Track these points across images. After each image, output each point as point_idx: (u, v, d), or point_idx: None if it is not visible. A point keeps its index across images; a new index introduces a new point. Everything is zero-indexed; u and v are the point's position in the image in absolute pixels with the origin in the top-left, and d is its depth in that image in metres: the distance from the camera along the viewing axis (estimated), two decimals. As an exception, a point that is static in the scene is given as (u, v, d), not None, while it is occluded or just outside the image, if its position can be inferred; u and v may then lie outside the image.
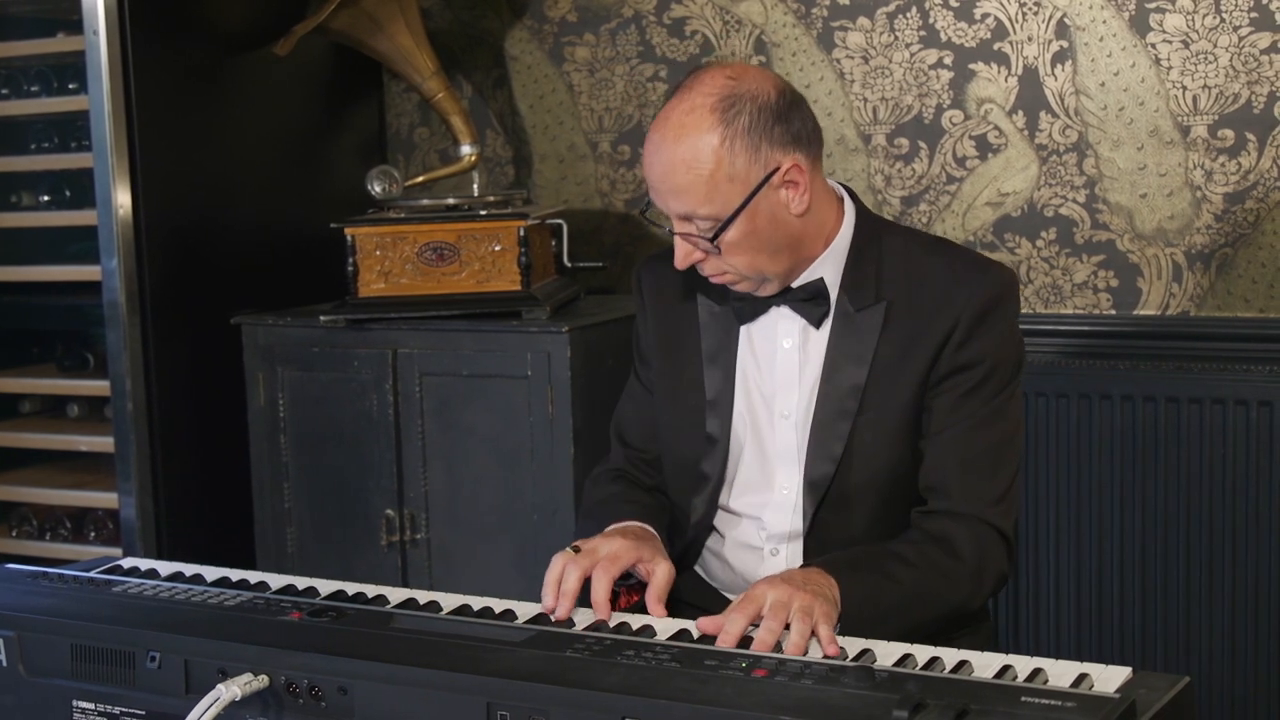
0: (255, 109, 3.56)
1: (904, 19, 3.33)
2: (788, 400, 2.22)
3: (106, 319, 3.28)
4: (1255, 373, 3.05)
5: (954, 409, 2.14)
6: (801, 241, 2.16)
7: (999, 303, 2.16)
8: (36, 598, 2.01)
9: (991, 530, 2.14)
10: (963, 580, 2.11)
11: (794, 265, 2.18)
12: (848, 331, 2.18)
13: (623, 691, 1.60)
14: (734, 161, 2.06)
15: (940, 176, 3.33)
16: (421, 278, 3.23)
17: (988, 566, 2.13)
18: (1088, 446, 3.17)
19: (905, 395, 2.16)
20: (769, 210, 2.10)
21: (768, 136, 2.08)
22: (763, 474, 2.25)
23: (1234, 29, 3.06)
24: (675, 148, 2.07)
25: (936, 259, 2.21)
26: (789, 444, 2.22)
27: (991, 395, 2.16)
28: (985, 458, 2.15)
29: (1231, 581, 3.08)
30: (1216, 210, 3.12)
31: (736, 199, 2.07)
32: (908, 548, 2.11)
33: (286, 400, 3.36)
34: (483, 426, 3.18)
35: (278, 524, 3.40)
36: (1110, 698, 1.53)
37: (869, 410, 2.16)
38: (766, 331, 2.25)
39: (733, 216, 2.08)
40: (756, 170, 2.08)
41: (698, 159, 2.06)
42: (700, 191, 2.07)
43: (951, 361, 2.14)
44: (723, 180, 2.06)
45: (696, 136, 2.06)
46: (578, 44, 3.68)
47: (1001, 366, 2.16)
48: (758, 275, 2.16)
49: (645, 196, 1.93)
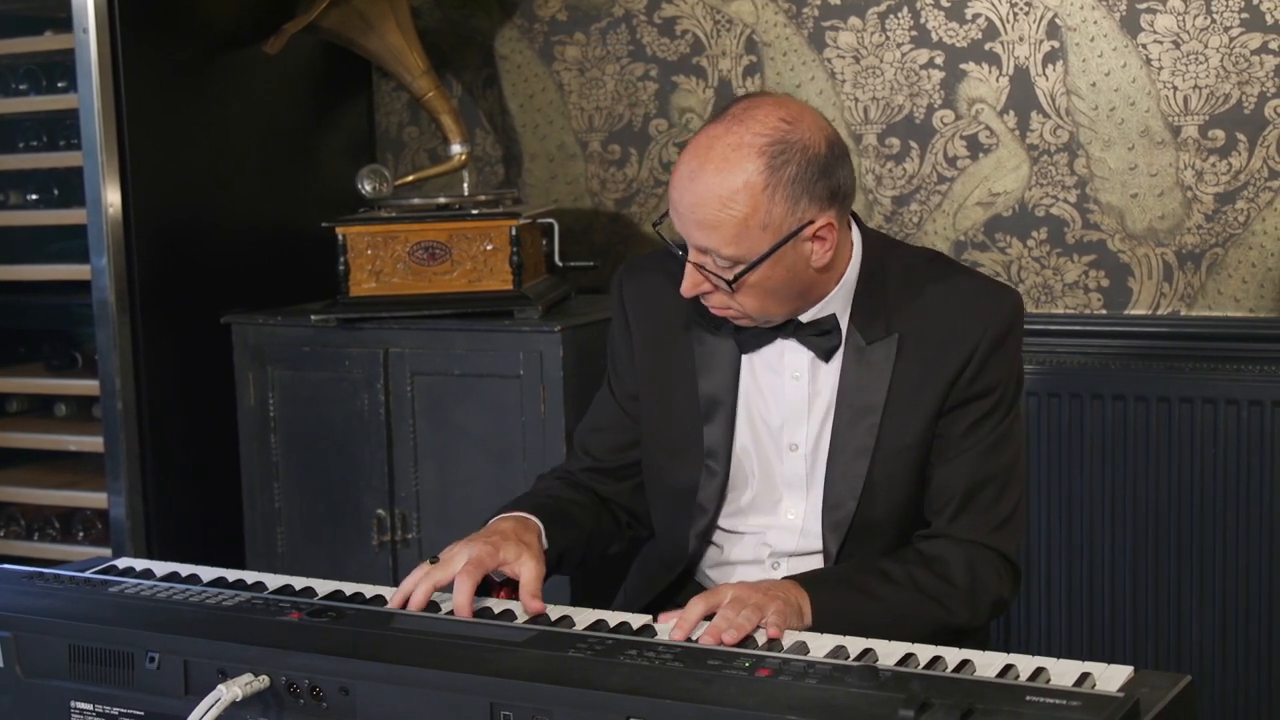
0: (245, 108, 3.55)
1: (895, 19, 3.33)
2: (796, 432, 2.19)
3: (96, 318, 3.26)
4: (1246, 372, 3.06)
5: (964, 436, 2.14)
6: (814, 288, 2.13)
7: (1010, 330, 2.16)
8: (32, 598, 2.00)
9: (992, 554, 2.14)
10: (953, 603, 2.09)
11: (801, 307, 2.15)
12: (860, 365, 2.15)
13: (627, 691, 1.60)
14: (771, 211, 2.00)
15: (931, 176, 3.34)
16: (413, 277, 3.23)
17: (983, 591, 2.12)
18: (1079, 446, 3.17)
19: (921, 427, 2.14)
20: (791, 261, 2.05)
21: (809, 191, 2.01)
22: (769, 500, 2.23)
23: (1225, 29, 3.07)
24: (713, 180, 2.00)
25: (945, 286, 2.17)
26: (798, 473, 2.20)
27: (999, 420, 2.15)
28: (992, 483, 2.15)
29: (1223, 580, 3.09)
30: (1207, 210, 3.13)
31: (764, 246, 2.01)
32: (896, 566, 2.10)
33: (277, 400, 3.35)
34: (474, 426, 3.17)
35: (268, 524, 3.39)
36: (1114, 697, 1.54)
37: (886, 443, 2.14)
38: (772, 363, 2.20)
39: (756, 263, 2.02)
40: (791, 222, 2.01)
41: (735, 200, 1.99)
42: (729, 232, 2.00)
43: (966, 391, 2.13)
44: (755, 227, 2.00)
45: (739, 176, 1.99)
46: (568, 43, 3.68)
47: (1007, 392, 2.16)
48: (764, 317, 2.12)
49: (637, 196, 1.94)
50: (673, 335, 2.26)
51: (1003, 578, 2.15)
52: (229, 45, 3.52)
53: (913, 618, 2.06)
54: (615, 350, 2.36)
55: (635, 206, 3.63)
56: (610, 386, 2.37)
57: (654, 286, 2.28)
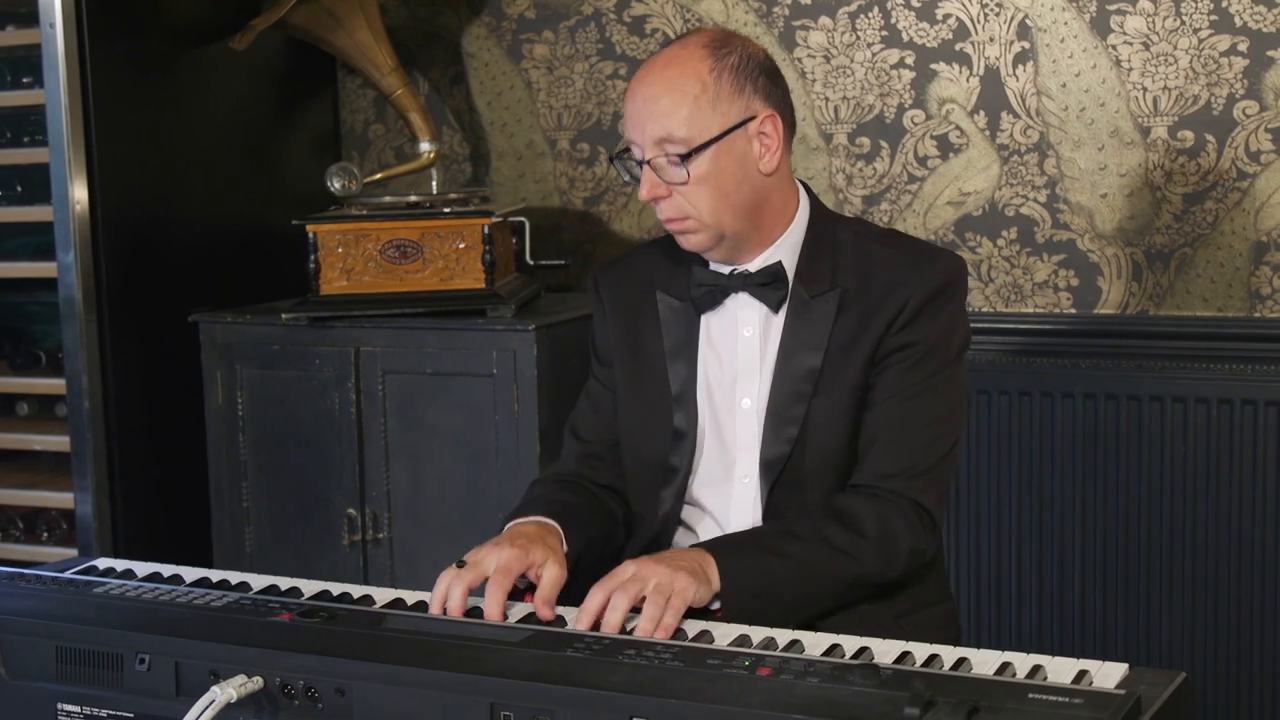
0: (210, 104, 3.52)
1: (866, 18, 3.34)
2: (749, 387, 2.25)
3: (62, 315, 3.23)
4: (1214, 371, 3.09)
5: (890, 384, 2.19)
6: (763, 208, 2.21)
7: (946, 288, 2.22)
8: (16, 599, 1.97)
9: (906, 503, 2.16)
10: (863, 554, 2.11)
11: (751, 234, 2.22)
12: (803, 317, 2.22)
13: (629, 691, 1.59)
14: (719, 92, 2.14)
15: (902, 176, 3.35)
16: (384, 275, 3.21)
17: (894, 542, 2.14)
18: (1049, 444, 3.20)
19: (855, 377, 2.20)
20: (740, 154, 2.17)
21: (752, 82, 2.18)
22: (723, 465, 2.27)
23: (1194, 31, 3.10)
24: (664, 72, 2.16)
25: (888, 248, 2.27)
26: (749, 433, 2.25)
27: (929, 374, 2.20)
28: (914, 432, 2.19)
29: (1191, 577, 3.12)
30: (1176, 210, 3.16)
31: (715, 128, 2.14)
32: (804, 524, 2.14)
33: (245, 398, 3.32)
34: (446, 425, 3.16)
35: (235, 523, 3.37)
36: (1116, 694, 1.55)
37: (822, 393, 2.20)
38: (726, 321, 2.28)
39: (708, 142, 2.13)
40: (737, 108, 2.16)
41: (684, 80, 2.14)
42: (682, 112, 2.13)
43: (895, 340, 2.19)
44: (705, 105, 2.14)
45: (686, 63, 2.16)
46: (536, 41, 3.67)
47: (942, 348, 2.21)
48: (716, 227, 2.19)
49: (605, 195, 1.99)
50: (641, 314, 2.35)
51: (916, 527, 2.17)
52: (194, 41, 3.49)
53: (822, 573, 2.09)
54: (596, 341, 2.44)
55: (604, 205, 3.63)
56: (595, 376, 2.43)
57: (625, 275, 2.40)
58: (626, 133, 2.21)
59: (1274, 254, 3.09)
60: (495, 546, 2.06)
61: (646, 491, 2.32)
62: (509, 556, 2.02)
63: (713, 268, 2.29)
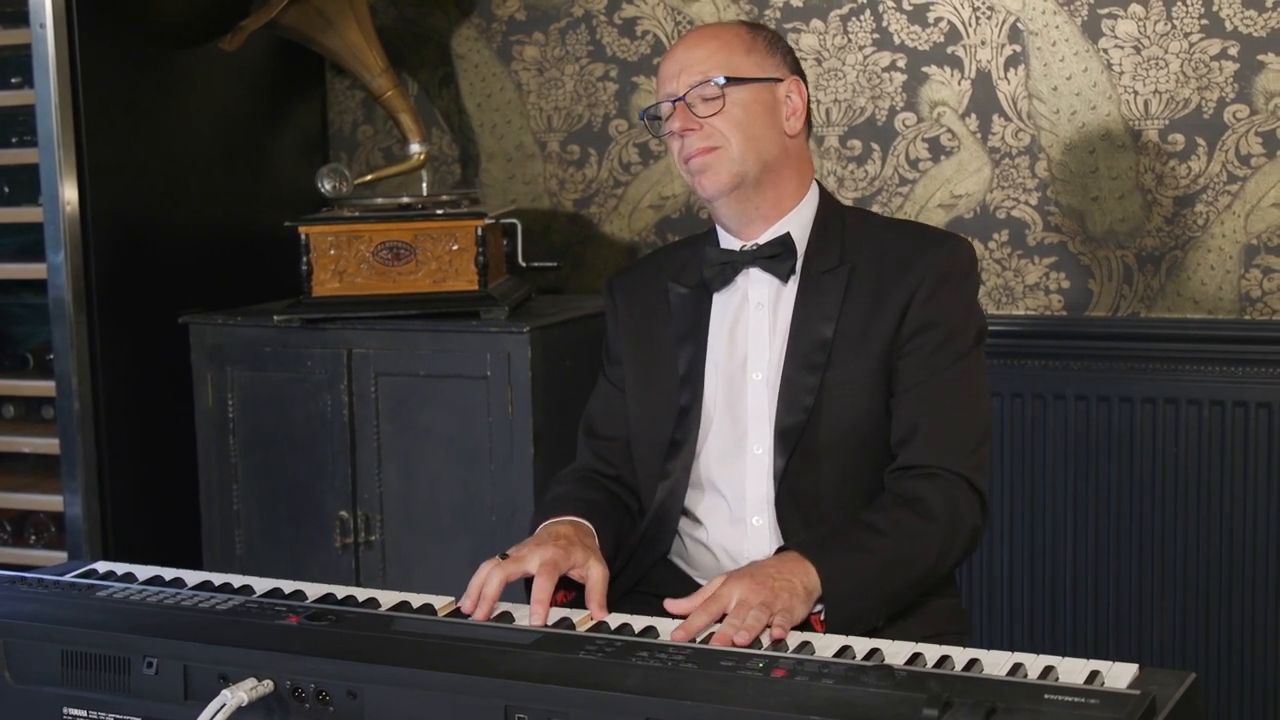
0: (199, 105, 3.51)
1: (857, 21, 3.35)
2: (759, 359, 2.28)
3: (52, 316, 3.21)
4: (1206, 373, 3.10)
5: (921, 365, 2.21)
6: (781, 169, 2.28)
7: (959, 268, 2.26)
8: (19, 603, 1.97)
9: (964, 483, 2.18)
10: (934, 539, 2.13)
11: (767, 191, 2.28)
12: (813, 290, 2.26)
13: (644, 692, 1.60)
14: (756, 48, 2.28)
15: (893, 178, 3.36)
16: (377, 277, 3.20)
17: (961, 522, 2.16)
18: (1043, 446, 3.21)
19: (873, 352, 2.22)
20: (769, 105, 2.26)
21: (783, 54, 2.32)
22: (735, 437, 2.29)
23: (1185, 35, 3.11)
24: (703, 33, 2.31)
25: (898, 230, 2.35)
26: (761, 405, 2.27)
27: (959, 355, 2.22)
28: (955, 409, 2.21)
29: (1183, 578, 3.14)
30: (1167, 213, 3.17)
31: (753, 72, 2.26)
32: (878, 516, 2.14)
33: (235, 401, 3.31)
34: (439, 427, 3.15)
35: (226, 526, 3.35)
36: (1131, 695, 1.55)
37: (836, 366, 2.22)
38: (737, 298, 2.32)
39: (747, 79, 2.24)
40: (772, 65, 2.29)
41: (726, 34, 2.29)
42: (722, 55, 2.25)
43: (916, 319, 2.21)
44: (742, 53, 2.26)
45: (724, 28, 2.32)
46: (526, 43, 3.67)
47: (962, 332, 2.23)
48: (741, 160, 2.24)
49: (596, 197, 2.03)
50: (653, 309, 2.40)
51: (975, 507, 2.19)
52: (184, 41, 3.47)
53: (904, 561, 2.10)
54: (608, 343, 2.47)
55: (595, 207, 3.63)
56: (606, 375, 2.46)
57: (639, 277, 2.46)
58: (660, 90, 2.29)
59: (1264, 257, 3.11)
60: (537, 545, 2.08)
61: (652, 469, 2.34)
62: (553, 555, 2.04)
63: (723, 244, 2.33)
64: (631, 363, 2.39)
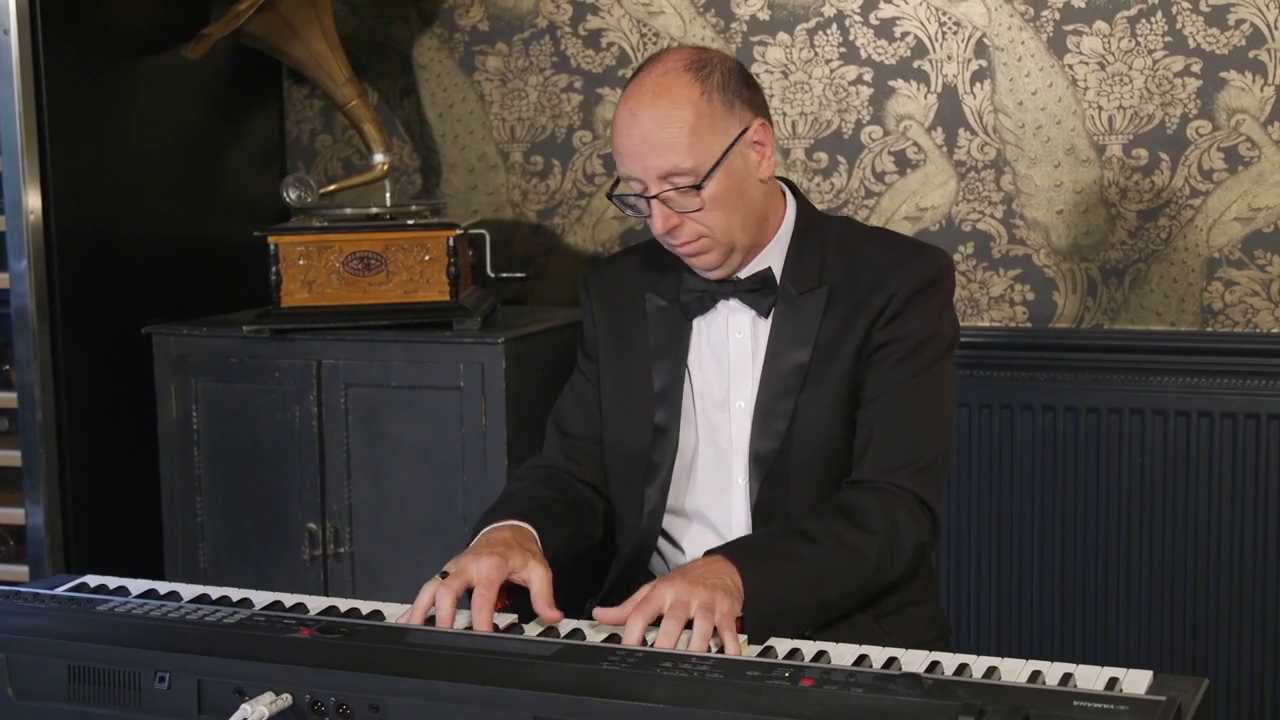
0: (160, 113, 3.47)
1: (824, 35, 3.38)
2: (741, 389, 2.28)
3: (15, 326, 3.15)
4: (1170, 383, 3.16)
5: (882, 379, 2.22)
6: (764, 216, 2.26)
7: (933, 283, 2.25)
8: (20, 618, 1.93)
9: (909, 497, 2.18)
10: (873, 551, 2.13)
11: (754, 242, 2.26)
12: (791, 314, 2.26)
13: (675, 703, 1.60)
14: (713, 114, 2.15)
15: (859, 191, 3.39)
16: (347, 288, 3.18)
17: (902, 536, 2.16)
18: (1009, 456, 3.25)
19: (842, 372, 2.23)
20: (742, 168, 2.19)
21: (738, 95, 2.19)
22: (719, 469, 2.29)
23: (1149, 52, 3.16)
24: (655, 105, 2.15)
25: (874, 245, 2.32)
26: (742, 435, 2.27)
27: (922, 368, 2.23)
28: (911, 425, 2.21)
29: (1148, 587, 3.18)
30: (1130, 227, 3.22)
31: (718, 149, 2.15)
32: (815, 524, 2.14)
33: (200, 412, 3.27)
34: (410, 438, 3.14)
35: (189, 538, 3.31)
36: (1158, 700, 1.58)
37: (811, 388, 2.23)
38: (718, 326, 2.31)
39: (716, 165, 2.15)
40: (733, 124, 2.18)
41: (678, 111, 2.14)
42: (683, 143, 2.13)
43: (883, 335, 2.22)
44: (704, 130, 2.14)
45: (675, 92, 2.15)
46: (489, 53, 3.66)
47: (932, 342, 2.24)
48: (729, 242, 2.22)
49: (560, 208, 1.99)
50: (630, 313, 2.38)
51: (920, 522, 2.19)
52: (145, 49, 3.43)
53: (839, 575, 2.11)
54: (584, 337, 2.46)
55: (558, 218, 3.63)
56: (581, 370, 2.45)
57: (615, 275, 2.44)
58: (623, 168, 2.21)
59: (1225, 270, 3.17)
60: (475, 556, 2.05)
61: (629, 490, 2.33)
62: (489, 566, 2.01)
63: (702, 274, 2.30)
64: (606, 365, 2.39)
